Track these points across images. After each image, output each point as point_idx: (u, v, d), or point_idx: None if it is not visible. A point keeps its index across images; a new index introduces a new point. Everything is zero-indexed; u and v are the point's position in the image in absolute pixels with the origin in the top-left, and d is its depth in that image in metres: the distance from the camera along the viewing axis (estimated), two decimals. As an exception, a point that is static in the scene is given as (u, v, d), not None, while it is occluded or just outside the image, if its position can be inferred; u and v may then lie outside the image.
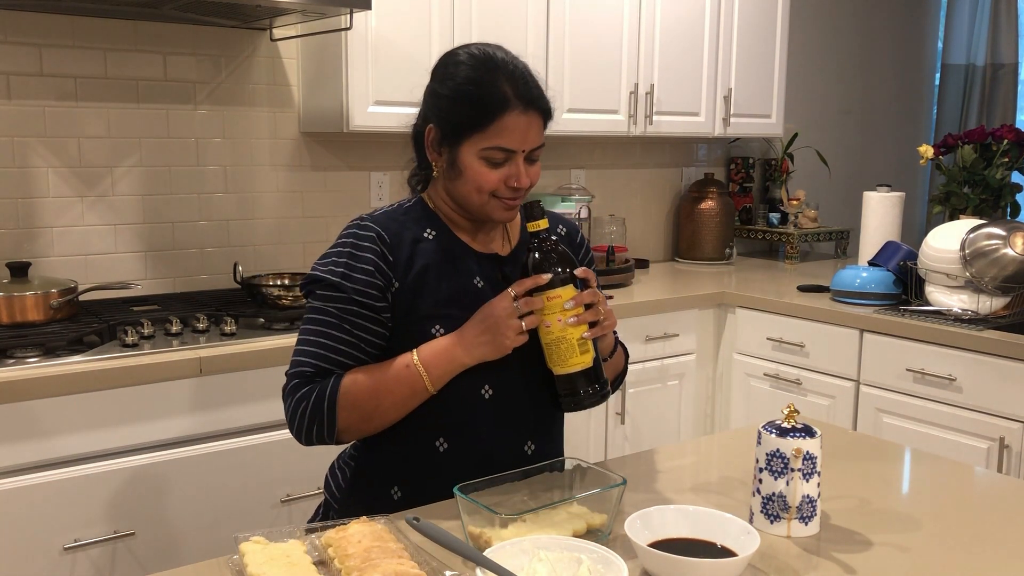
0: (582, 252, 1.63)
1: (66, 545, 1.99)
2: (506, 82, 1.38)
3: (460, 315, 1.42)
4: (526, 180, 1.41)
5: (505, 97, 1.37)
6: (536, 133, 1.41)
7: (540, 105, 1.41)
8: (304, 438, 1.42)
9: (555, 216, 1.64)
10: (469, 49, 1.44)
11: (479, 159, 1.39)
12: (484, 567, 1.06)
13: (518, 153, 1.40)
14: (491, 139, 1.38)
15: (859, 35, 4.55)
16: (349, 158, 3.00)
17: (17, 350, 2.05)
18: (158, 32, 2.60)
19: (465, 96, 1.39)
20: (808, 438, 1.28)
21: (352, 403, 1.38)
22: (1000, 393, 2.48)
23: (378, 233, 1.43)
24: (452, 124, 1.40)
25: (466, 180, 1.41)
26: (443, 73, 1.44)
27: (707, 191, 3.81)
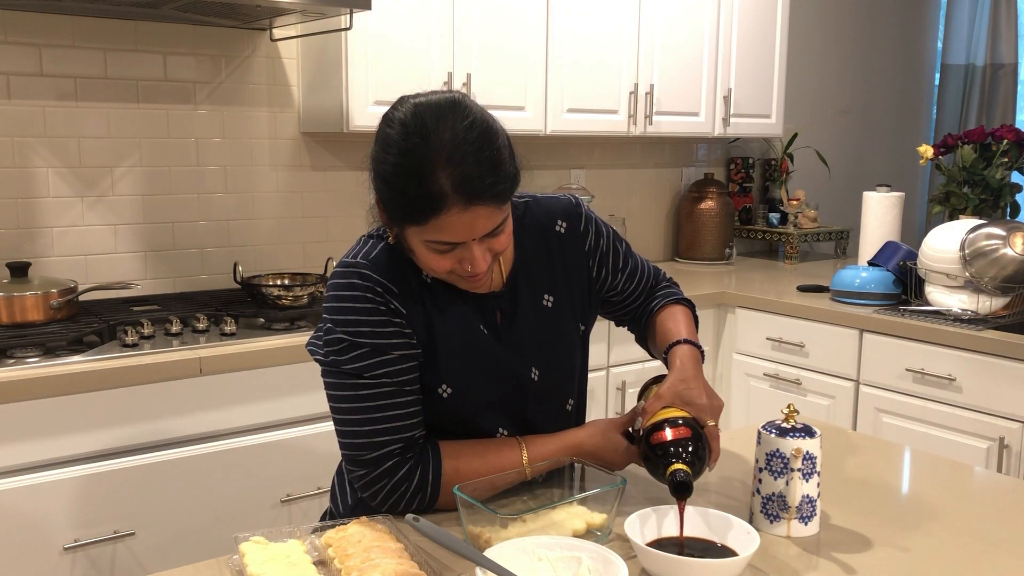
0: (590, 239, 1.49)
1: (66, 545, 1.99)
2: (442, 172, 1.16)
3: (468, 371, 1.37)
4: (482, 263, 1.24)
5: (441, 194, 1.16)
6: (486, 221, 1.20)
7: (487, 196, 1.18)
8: (400, 510, 1.32)
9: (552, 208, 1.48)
10: (403, 114, 1.22)
11: (424, 247, 1.24)
12: (484, 567, 1.06)
13: (468, 241, 1.22)
14: (432, 234, 1.20)
15: (859, 35, 4.56)
16: (349, 158, 3.00)
17: (17, 350, 2.05)
18: (158, 32, 2.60)
19: (399, 189, 1.21)
20: (808, 438, 1.28)
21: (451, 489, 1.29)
22: (1000, 393, 2.48)
23: (385, 287, 1.30)
24: (390, 212, 1.26)
25: (419, 259, 1.28)
26: (380, 149, 1.26)
27: (707, 191, 3.81)
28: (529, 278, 1.44)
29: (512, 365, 1.40)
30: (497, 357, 1.39)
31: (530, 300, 1.43)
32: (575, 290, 1.49)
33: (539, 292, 1.44)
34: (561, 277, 1.47)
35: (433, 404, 1.36)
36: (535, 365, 1.43)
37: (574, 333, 1.50)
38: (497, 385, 1.39)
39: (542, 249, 1.46)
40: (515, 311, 1.42)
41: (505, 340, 1.40)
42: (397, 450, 1.31)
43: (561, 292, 1.46)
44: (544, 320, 1.44)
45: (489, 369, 1.38)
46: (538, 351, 1.43)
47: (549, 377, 1.45)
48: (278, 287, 2.52)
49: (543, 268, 1.45)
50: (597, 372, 2.94)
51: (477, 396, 1.38)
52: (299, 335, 2.31)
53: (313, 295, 2.50)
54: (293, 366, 2.25)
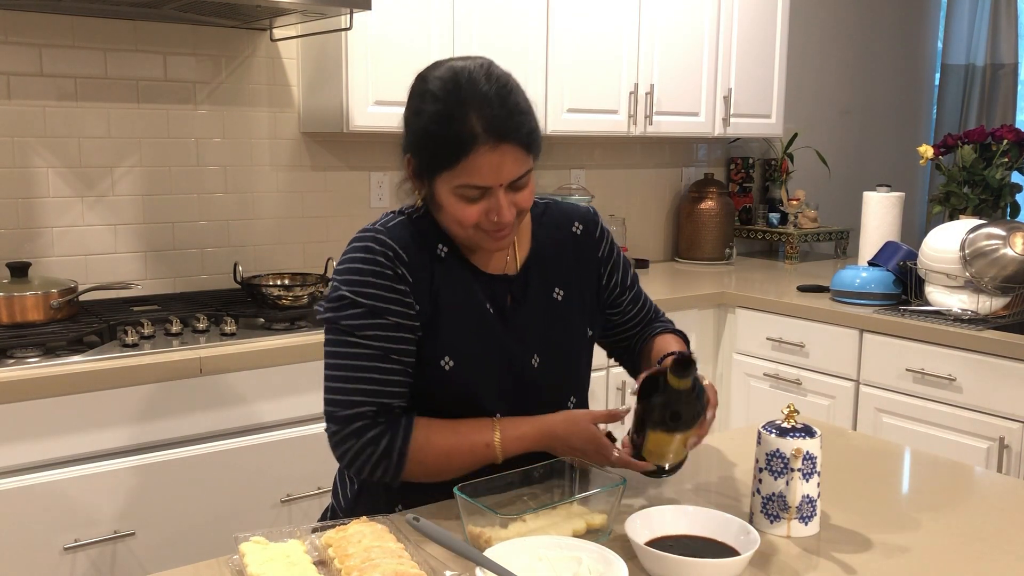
0: (604, 247, 1.56)
1: (66, 545, 1.99)
2: (475, 114, 1.27)
3: (470, 346, 1.40)
4: (508, 214, 1.32)
5: (472, 134, 1.26)
6: (512, 165, 1.30)
7: (514, 137, 1.29)
8: (365, 476, 1.37)
9: (571, 212, 1.56)
10: (440, 72, 1.33)
11: (453, 195, 1.31)
12: (484, 567, 1.06)
13: (495, 187, 1.31)
14: (461, 177, 1.29)
15: (859, 35, 4.56)
16: (349, 158, 3.00)
17: (17, 350, 2.05)
18: (158, 32, 2.60)
19: (431, 135, 1.30)
20: (808, 438, 1.28)
21: (422, 460, 1.35)
22: (1000, 393, 2.48)
23: (396, 252, 1.35)
24: (422, 160, 1.33)
25: (446, 214, 1.34)
26: (415, 105, 1.35)
27: (707, 191, 3.81)
28: (542, 269, 1.49)
29: (514, 348, 1.43)
30: (500, 338, 1.42)
31: (541, 290, 1.48)
32: (585, 291, 1.53)
33: (550, 284, 1.49)
34: (573, 275, 1.52)
35: (436, 377, 1.39)
36: (537, 352, 1.45)
37: (581, 332, 1.52)
38: (497, 366, 1.42)
39: (557, 246, 1.52)
40: (525, 297, 1.46)
41: (510, 323, 1.44)
42: (369, 412, 1.34)
43: (572, 289, 1.51)
44: (552, 311, 1.48)
45: (490, 348, 1.41)
46: (541, 339, 1.46)
47: (550, 367, 1.46)
48: (278, 287, 2.52)
49: (556, 263, 1.50)
50: (597, 372, 2.93)
51: (478, 373, 1.40)
52: (299, 335, 2.31)
53: (313, 295, 2.50)
54: (293, 366, 2.26)
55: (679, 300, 3.08)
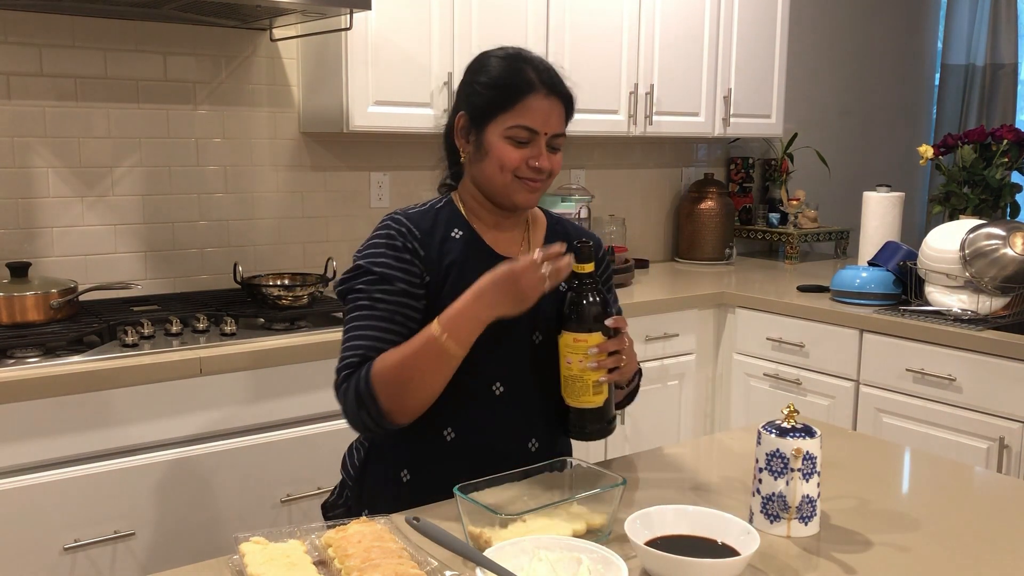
0: (603, 267, 1.66)
1: (66, 545, 1.99)
2: (532, 70, 1.50)
3: None
4: (547, 162, 1.50)
5: (530, 81, 1.48)
6: (557, 118, 1.50)
7: (562, 91, 1.52)
8: (361, 427, 1.45)
9: (580, 229, 1.71)
10: (504, 48, 1.56)
11: (503, 139, 1.48)
12: (484, 567, 1.06)
13: (540, 135, 1.49)
14: (516, 118, 1.47)
15: (859, 35, 4.56)
16: (349, 158, 3.00)
17: (17, 350, 2.05)
18: (158, 32, 2.60)
19: (494, 82, 1.50)
20: (808, 438, 1.28)
21: (386, 380, 1.39)
22: (1000, 393, 2.48)
23: (409, 228, 1.51)
24: (481, 108, 1.50)
25: (491, 160, 1.49)
26: (477, 67, 1.55)
27: (707, 191, 3.81)
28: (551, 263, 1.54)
29: (517, 324, 1.50)
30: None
31: None
32: None
33: None
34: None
35: None
36: (539, 331, 1.55)
37: None
38: (501, 340, 1.48)
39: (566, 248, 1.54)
40: None
41: None
42: (356, 362, 1.44)
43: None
44: (555, 295, 1.52)
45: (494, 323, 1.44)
46: (545, 319, 1.54)
47: (552, 344, 1.50)
48: (278, 287, 2.52)
49: None
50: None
51: (482, 347, 1.44)
52: (299, 335, 2.31)
53: (313, 295, 2.50)
54: (293, 366, 2.26)
55: (679, 300, 3.08)
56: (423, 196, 3.14)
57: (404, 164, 3.11)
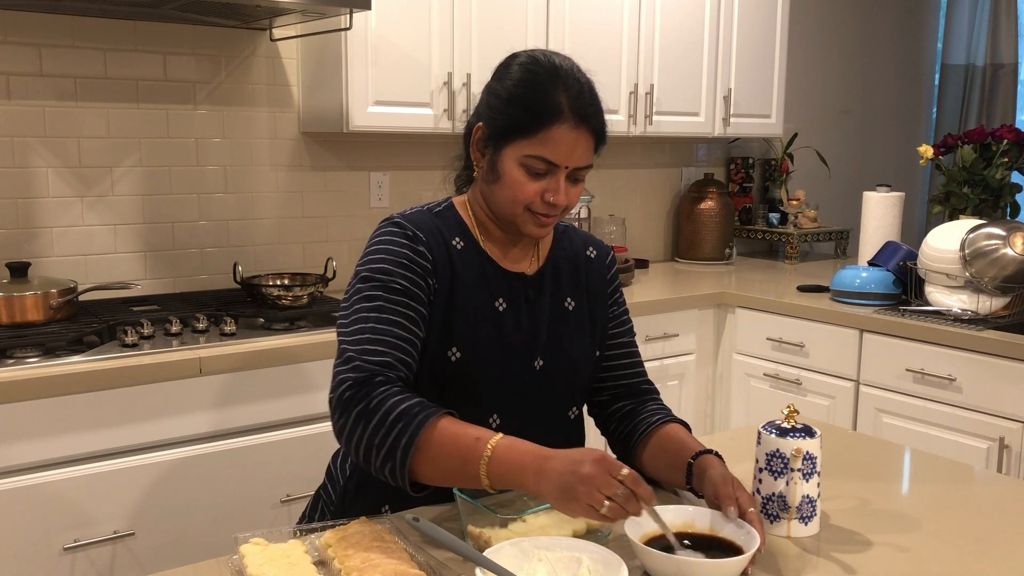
0: (612, 275, 1.59)
1: (66, 545, 1.99)
2: (563, 93, 1.33)
3: (478, 339, 1.39)
4: (564, 199, 1.35)
5: (558, 107, 1.32)
6: (584, 151, 1.35)
7: (593, 124, 1.35)
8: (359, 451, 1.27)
9: (587, 237, 1.60)
10: (534, 53, 1.39)
11: (520, 166, 1.34)
12: (484, 567, 1.06)
13: (560, 168, 1.34)
14: (535, 147, 1.32)
15: (859, 35, 4.56)
16: (349, 158, 3.00)
17: (17, 350, 2.05)
18: (158, 32, 2.60)
19: (517, 99, 1.34)
20: (808, 438, 1.28)
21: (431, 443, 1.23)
22: (1000, 393, 2.48)
23: (414, 232, 1.38)
24: (500, 125, 1.35)
25: (503, 186, 1.36)
26: (502, 73, 1.39)
27: (707, 191, 3.81)
28: (557, 276, 1.51)
29: (519, 348, 1.43)
30: (507, 335, 1.42)
31: (553, 296, 1.49)
32: (595, 308, 1.55)
33: (563, 293, 1.51)
34: (584, 290, 1.54)
35: (442, 368, 1.38)
36: (542, 356, 1.45)
37: (587, 346, 1.52)
38: (502, 363, 1.41)
39: (572, 261, 1.54)
40: (538, 299, 1.47)
41: (521, 321, 1.44)
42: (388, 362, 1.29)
43: (582, 302, 1.53)
44: (562, 318, 1.49)
45: (498, 344, 1.40)
46: (548, 343, 1.46)
47: (553, 372, 1.46)
48: (278, 287, 2.52)
49: (570, 275, 1.53)
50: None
51: (482, 368, 1.39)
52: (299, 335, 2.31)
53: (313, 295, 2.50)
54: (293, 366, 2.25)
55: (679, 300, 3.08)
56: (423, 196, 3.15)
57: (404, 164, 3.11)
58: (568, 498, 1.12)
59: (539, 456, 1.16)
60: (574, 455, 1.14)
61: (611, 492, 1.10)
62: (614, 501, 1.10)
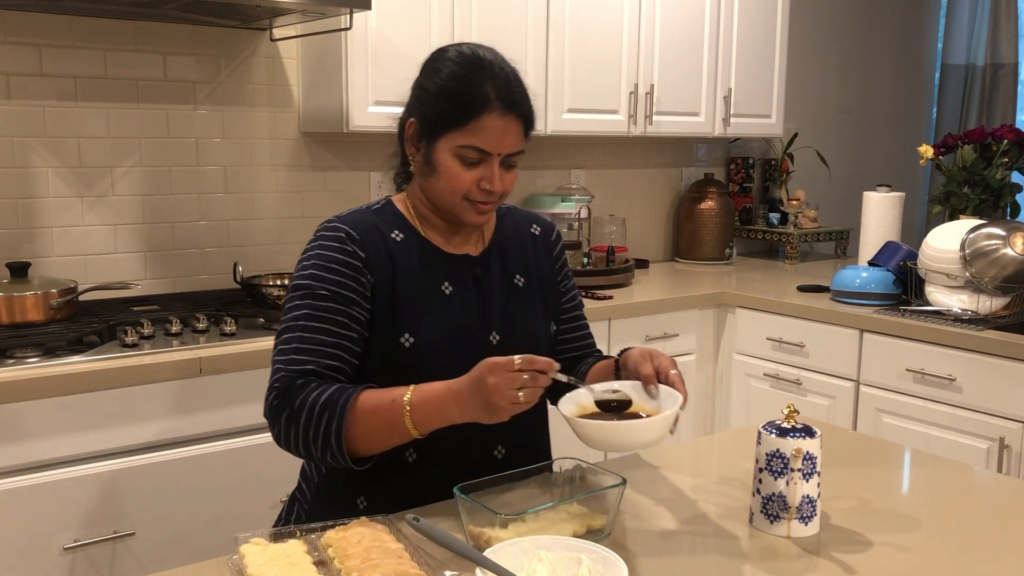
0: (559, 251, 1.63)
1: (66, 545, 1.99)
2: (489, 83, 1.38)
3: (429, 322, 1.42)
4: (499, 185, 1.41)
5: (486, 97, 1.37)
6: (513, 138, 1.40)
7: (520, 110, 1.41)
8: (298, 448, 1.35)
9: (530, 215, 1.65)
10: (460, 48, 1.44)
11: (454, 157, 1.39)
12: (484, 567, 1.07)
13: (493, 156, 1.39)
14: (467, 137, 1.37)
15: (859, 35, 4.55)
16: (349, 158, 3.00)
17: (17, 350, 2.05)
18: (158, 32, 2.60)
19: (447, 92, 1.39)
20: (808, 438, 1.28)
21: (356, 420, 1.31)
22: (1000, 393, 2.48)
23: (347, 232, 1.42)
24: (431, 119, 1.40)
25: (440, 178, 1.41)
26: (430, 68, 1.45)
27: (707, 191, 3.81)
28: (504, 256, 1.55)
29: (473, 325, 1.47)
30: (459, 315, 1.46)
31: (502, 273, 1.53)
32: (545, 283, 1.59)
33: (511, 271, 1.55)
34: (532, 266, 1.58)
35: (397, 355, 1.41)
36: (496, 330, 1.49)
37: (542, 320, 1.57)
38: (457, 342, 1.44)
39: (518, 240, 1.59)
40: (487, 276, 1.51)
41: (471, 301, 1.48)
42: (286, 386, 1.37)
43: (532, 278, 1.57)
44: (513, 294, 1.53)
45: (450, 324, 1.44)
46: (501, 318, 1.50)
47: (511, 345, 1.46)
48: (278, 287, 2.52)
49: (517, 253, 1.57)
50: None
51: (437, 350, 1.42)
52: (299, 335, 2.31)
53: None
54: (293, 366, 2.25)
55: (679, 300, 3.08)
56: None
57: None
58: (492, 411, 1.22)
59: (450, 392, 1.27)
60: (473, 376, 1.24)
61: (519, 384, 1.20)
62: (526, 387, 1.21)
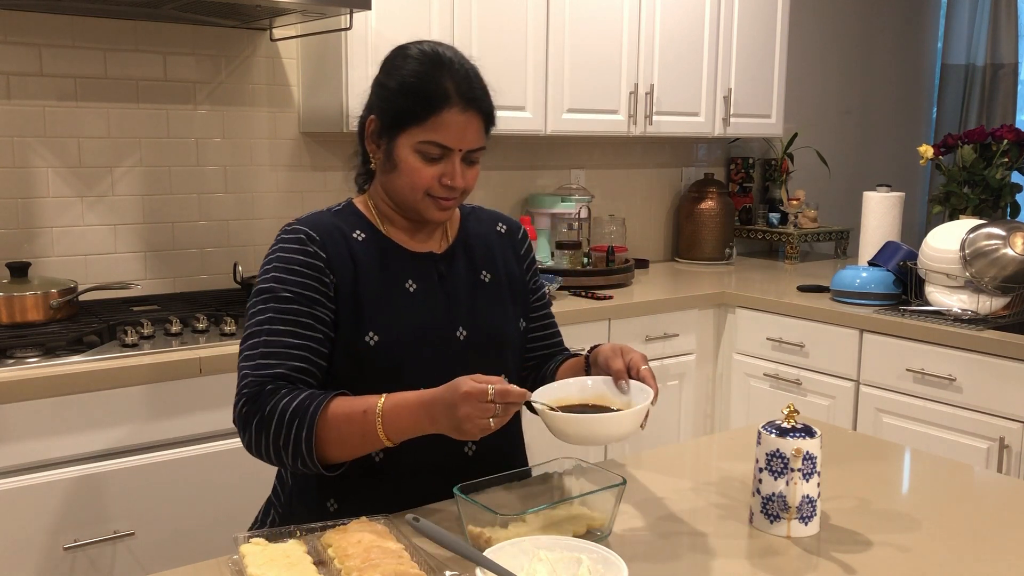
0: (525, 249, 1.63)
1: (66, 545, 1.99)
2: (449, 79, 1.38)
3: (393, 320, 1.42)
4: (460, 181, 1.41)
5: (446, 93, 1.37)
6: (474, 134, 1.40)
7: (480, 106, 1.41)
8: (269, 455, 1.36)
9: (495, 215, 1.64)
10: (421, 46, 1.44)
11: (415, 153, 1.39)
12: (484, 567, 1.06)
13: (454, 151, 1.39)
14: (427, 133, 1.38)
15: (859, 35, 4.56)
16: (349, 158, 2.99)
17: (17, 350, 2.05)
18: (158, 32, 2.60)
19: (407, 89, 1.39)
20: (808, 438, 1.28)
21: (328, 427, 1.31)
22: (1000, 393, 2.48)
23: (306, 233, 1.42)
24: (391, 115, 1.40)
25: (400, 174, 1.41)
26: (390, 66, 1.44)
27: (707, 191, 3.81)
28: (468, 253, 1.55)
29: (438, 321, 1.46)
30: (424, 312, 1.45)
31: (468, 269, 1.53)
32: (513, 280, 1.59)
33: (477, 267, 1.54)
34: (499, 263, 1.58)
35: (363, 353, 1.41)
36: (463, 325, 1.48)
37: (510, 316, 1.56)
38: (422, 339, 1.43)
39: (483, 238, 1.59)
40: (451, 272, 1.50)
41: (436, 297, 1.47)
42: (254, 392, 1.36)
43: (499, 274, 1.56)
44: (479, 289, 1.53)
45: (414, 322, 1.43)
46: (468, 313, 1.49)
47: (477, 341, 1.48)
48: (278, 287, 2.51)
49: (483, 250, 1.57)
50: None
51: (402, 347, 1.42)
52: (299, 335, 2.31)
53: (313, 295, 2.50)
54: (293, 366, 2.25)
55: (679, 300, 3.08)
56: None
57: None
58: (462, 433, 1.23)
59: (421, 405, 1.26)
60: (447, 399, 1.23)
61: (490, 414, 1.20)
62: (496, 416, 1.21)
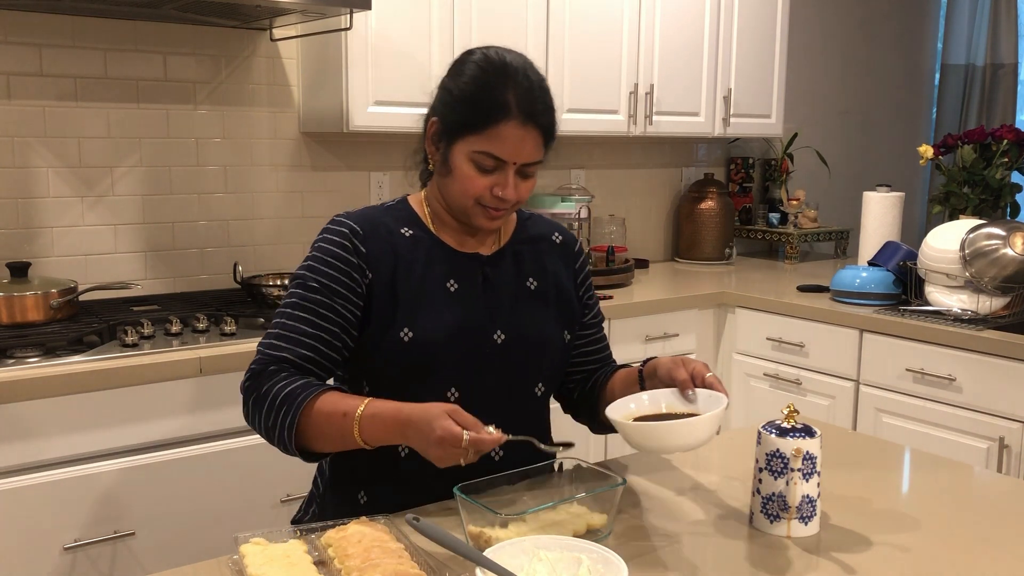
0: (581, 262, 1.62)
1: (66, 545, 1.99)
2: (511, 91, 1.36)
3: (429, 319, 1.42)
4: (512, 193, 1.39)
5: (506, 105, 1.36)
6: (531, 148, 1.39)
7: (540, 121, 1.38)
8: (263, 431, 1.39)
9: (554, 224, 1.64)
10: (487, 51, 1.43)
11: (469, 161, 1.39)
12: (484, 567, 1.06)
13: (509, 164, 1.38)
14: (483, 144, 1.37)
15: (859, 35, 4.55)
16: (349, 158, 3.00)
17: (17, 350, 2.05)
18: (158, 32, 2.60)
19: (467, 96, 1.39)
20: (808, 438, 1.28)
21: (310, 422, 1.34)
22: (1000, 393, 2.48)
23: (351, 228, 1.44)
24: (451, 121, 1.40)
25: (454, 180, 1.41)
26: (455, 70, 1.44)
27: (707, 191, 3.81)
28: (518, 258, 1.54)
29: (476, 323, 1.45)
30: (459, 312, 1.44)
31: (515, 274, 1.52)
32: (562, 291, 1.57)
33: (525, 273, 1.53)
34: (548, 272, 1.56)
35: (396, 348, 1.41)
36: (502, 329, 1.47)
37: (554, 324, 1.54)
38: (457, 340, 1.43)
39: (536, 246, 1.57)
40: (496, 275, 1.50)
41: (478, 299, 1.47)
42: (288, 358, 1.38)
43: (547, 283, 1.55)
44: (523, 295, 1.52)
45: (449, 322, 1.43)
46: (508, 318, 1.48)
47: (515, 347, 1.47)
48: (278, 287, 2.52)
49: (533, 257, 1.55)
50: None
51: (435, 346, 1.41)
52: (299, 335, 2.31)
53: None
54: (293, 366, 2.25)
55: (679, 300, 3.08)
56: (423, 196, 3.15)
57: (404, 164, 3.11)
58: (434, 460, 1.23)
59: (398, 423, 1.27)
60: (422, 430, 1.22)
61: (459, 458, 1.21)
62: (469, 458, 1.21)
